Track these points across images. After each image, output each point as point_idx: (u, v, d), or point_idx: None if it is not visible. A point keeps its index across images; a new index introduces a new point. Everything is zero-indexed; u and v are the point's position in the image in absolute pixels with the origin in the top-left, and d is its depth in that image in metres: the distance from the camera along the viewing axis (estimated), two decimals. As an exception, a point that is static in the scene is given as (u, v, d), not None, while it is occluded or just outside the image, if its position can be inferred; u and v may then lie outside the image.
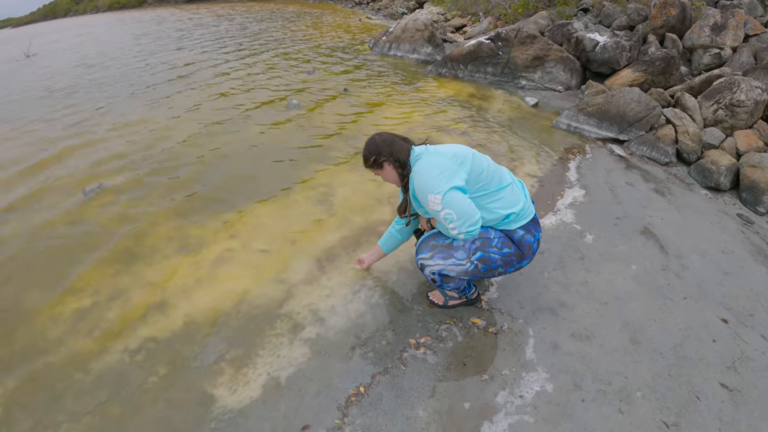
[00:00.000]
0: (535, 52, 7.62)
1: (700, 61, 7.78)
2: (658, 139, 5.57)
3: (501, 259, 2.45)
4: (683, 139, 5.58)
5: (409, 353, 2.59)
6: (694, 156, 5.47)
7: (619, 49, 7.47)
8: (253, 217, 3.84)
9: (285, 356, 2.54)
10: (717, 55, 7.63)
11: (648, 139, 5.62)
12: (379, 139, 2.51)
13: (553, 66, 7.54)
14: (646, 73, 7.15)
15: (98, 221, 3.80)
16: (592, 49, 7.66)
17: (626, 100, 5.84)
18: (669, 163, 5.42)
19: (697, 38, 7.79)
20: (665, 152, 5.47)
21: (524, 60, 7.65)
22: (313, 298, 2.98)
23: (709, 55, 7.69)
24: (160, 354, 2.56)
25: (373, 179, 4.40)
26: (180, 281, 3.11)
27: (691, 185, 5.05)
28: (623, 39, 7.68)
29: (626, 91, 5.93)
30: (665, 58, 7.12)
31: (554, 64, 7.55)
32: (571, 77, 7.57)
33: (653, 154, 5.51)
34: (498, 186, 2.43)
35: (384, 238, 3.04)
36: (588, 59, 7.72)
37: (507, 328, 2.78)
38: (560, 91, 7.49)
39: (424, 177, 2.32)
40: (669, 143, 5.54)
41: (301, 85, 7.55)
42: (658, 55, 7.28)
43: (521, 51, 7.71)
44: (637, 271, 3.36)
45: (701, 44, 7.76)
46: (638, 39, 7.96)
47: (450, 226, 2.28)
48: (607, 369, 2.55)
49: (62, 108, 7.10)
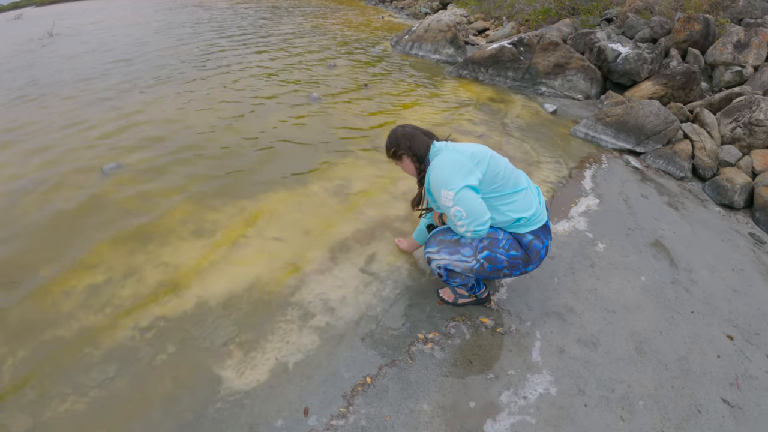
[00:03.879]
0: (557, 60, 7.56)
1: (721, 78, 7.64)
2: (675, 153, 5.52)
3: (507, 260, 2.45)
4: (700, 155, 5.52)
5: (416, 347, 2.59)
6: (709, 172, 5.41)
7: (640, 61, 7.39)
8: (269, 205, 3.83)
9: (294, 342, 2.55)
10: (738, 73, 7.49)
11: (665, 153, 5.57)
12: (401, 132, 2.54)
13: (574, 74, 7.48)
14: (666, 87, 7.05)
15: (115, 199, 3.81)
16: (613, 59, 7.58)
17: (645, 113, 5.79)
18: (684, 178, 5.37)
19: (719, 55, 7.66)
20: (681, 167, 5.41)
21: (545, 66, 7.60)
22: (324, 287, 2.98)
23: (731, 72, 7.55)
24: (170, 333, 2.57)
25: (390, 174, 4.40)
26: (194, 263, 3.12)
27: (705, 201, 5.00)
28: (645, 51, 7.59)
29: (645, 104, 5.87)
30: (686, 73, 7.01)
31: (575, 73, 7.49)
32: (591, 86, 7.51)
33: (669, 168, 5.46)
34: (512, 189, 2.42)
35: (417, 231, 3.16)
36: (609, 69, 7.63)
37: (515, 330, 2.77)
38: (579, 99, 7.43)
39: (440, 172, 2.32)
40: (685, 158, 5.48)
41: (322, 78, 7.53)
42: (679, 69, 7.17)
43: (543, 57, 7.65)
44: (646, 283, 3.34)
45: (723, 61, 7.62)
46: (660, 52, 7.86)
47: (459, 224, 2.28)
48: (611, 376, 2.54)
49: (83, 87, 7.07)
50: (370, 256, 3.30)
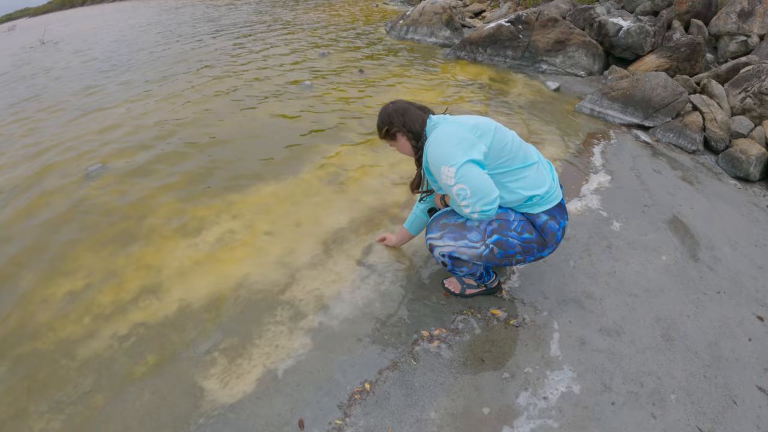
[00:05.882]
0: (557, 36, 7.15)
1: (726, 48, 7.29)
2: (686, 126, 5.15)
3: (520, 245, 2.12)
4: (711, 127, 5.16)
5: (421, 347, 2.27)
6: (722, 145, 5.06)
7: (643, 34, 6.98)
8: (258, 197, 3.50)
9: (284, 347, 2.23)
10: (744, 43, 7.13)
11: (675, 126, 5.20)
12: (392, 108, 2.18)
13: (575, 50, 7.08)
14: (671, 60, 6.66)
15: (98, 201, 3.51)
16: (615, 33, 7.18)
17: (652, 85, 5.41)
18: (696, 151, 5.01)
19: (723, 25, 7.29)
20: (692, 140, 5.05)
21: (545, 44, 7.19)
22: (317, 283, 2.66)
23: (736, 42, 7.19)
24: (150, 341, 2.27)
25: (387, 159, 4.05)
26: (177, 263, 2.81)
27: (719, 174, 4.66)
28: (647, 24, 7.18)
29: (652, 76, 5.49)
30: (691, 44, 6.63)
31: (576, 49, 7.08)
32: (593, 62, 7.11)
33: (680, 142, 5.09)
34: (522, 163, 2.08)
35: (409, 219, 2.73)
36: (611, 44, 7.23)
37: (530, 321, 2.43)
38: (582, 76, 7.04)
39: (439, 148, 2.00)
40: (696, 130, 5.11)
41: (315, 66, 7.19)
42: (683, 41, 6.80)
43: (542, 34, 7.25)
44: (667, 262, 3.00)
45: (727, 31, 7.25)
46: (662, 24, 7.45)
47: (463, 204, 1.97)
48: (638, 368, 2.22)
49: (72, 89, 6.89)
50: (368, 248, 2.96)
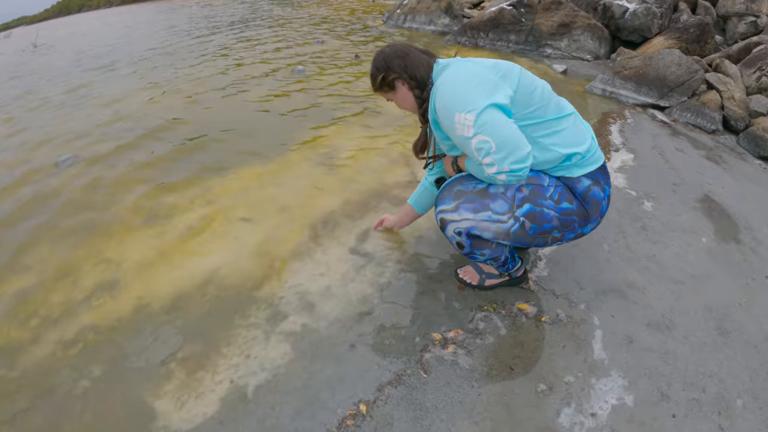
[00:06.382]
0: (561, 19, 6.76)
1: (735, 29, 6.98)
2: (704, 105, 4.76)
3: (558, 217, 1.64)
4: (730, 105, 4.78)
5: (432, 354, 1.79)
6: (742, 124, 4.68)
7: (650, 16, 6.60)
8: (239, 180, 3.07)
9: (257, 357, 1.78)
10: (753, 24, 6.82)
11: (692, 105, 4.80)
12: (390, 51, 1.72)
13: (581, 34, 6.68)
14: (680, 41, 6.28)
15: (64, 190, 3.11)
16: (621, 16, 6.80)
17: (666, 63, 5.01)
18: (715, 131, 4.61)
19: (731, 6, 6.98)
20: (712, 119, 4.66)
21: (549, 27, 6.79)
22: (301, 277, 2.20)
23: (745, 23, 6.88)
24: (99, 348, 1.84)
25: (386, 134, 3.64)
26: (139, 256, 2.37)
27: (743, 154, 4.28)
28: (654, 6, 6.83)
29: (665, 53, 5.09)
30: (699, 25, 6.29)
31: (581, 32, 6.68)
32: (599, 46, 6.71)
33: (698, 121, 4.70)
34: (556, 114, 1.62)
35: (415, 193, 2.24)
36: (617, 27, 6.84)
37: (565, 317, 1.98)
38: (588, 60, 6.63)
39: (452, 89, 1.52)
40: (715, 109, 4.72)
41: (308, 53, 6.79)
42: (692, 21, 6.46)
43: (546, 18, 6.85)
44: (708, 245, 2.59)
45: (736, 12, 6.94)
46: (669, 6, 7.08)
47: (486, 161, 1.46)
48: (697, 369, 1.80)
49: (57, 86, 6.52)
50: (364, 233, 2.51)
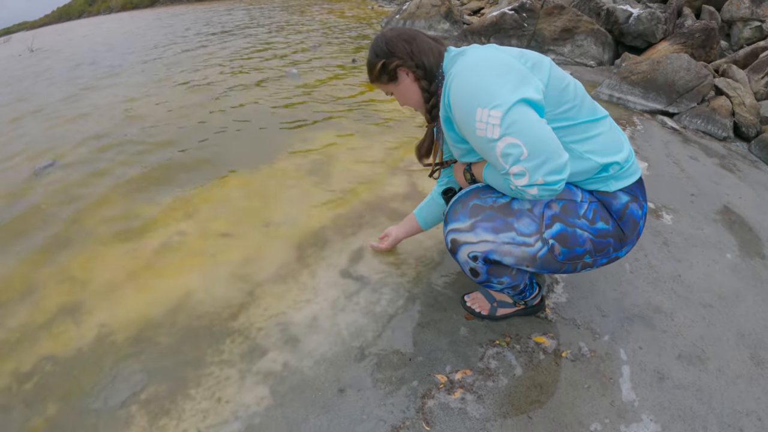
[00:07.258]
0: (564, 24, 6.62)
1: (740, 35, 6.85)
2: (714, 111, 4.60)
3: (591, 239, 1.35)
4: (740, 111, 4.62)
5: (436, 400, 1.54)
6: (753, 131, 4.52)
7: (654, 21, 6.48)
8: (222, 190, 2.87)
9: (230, 401, 1.55)
10: (758, 29, 6.68)
11: (702, 111, 4.64)
12: (392, 34, 1.45)
13: (584, 39, 6.54)
14: (685, 46, 6.14)
15: (38, 199, 2.96)
16: (625, 20, 6.66)
17: (674, 68, 4.86)
18: (727, 138, 4.46)
19: (736, 10, 6.85)
20: (723, 125, 4.50)
21: (552, 32, 6.66)
22: (284, 304, 1.96)
23: (750, 28, 6.75)
24: (55, 383, 1.65)
25: (383, 144, 3.47)
26: (107, 276, 2.18)
27: (755, 162, 4.11)
28: (658, 10, 6.70)
29: (674, 58, 4.94)
30: (705, 30, 6.15)
31: (585, 37, 6.55)
32: (603, 51, 6.56)
33: (709, 128, 4.54)
34: (590, 116, 1.35)
35: (422, 204, 1.99)
36: (621, 32, 6.71)
37: (588, 351, 1.74)
38: (592, 66, 6.49)
39: (472, 80, 1.20)
40: (726, 115, 4.57)
41: (304, 57, 6.69)
42: (697, 26, 6.32)
43: (548, 22, 6.72)
44: (734, 261, 2.42)
45: (741, 17, 6.81)
46: (673, 11, 6.97)
47: (514, 170, 1.14)
48: (733, 407, 1.61)
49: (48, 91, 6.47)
50: (357, 252, 2.28)
